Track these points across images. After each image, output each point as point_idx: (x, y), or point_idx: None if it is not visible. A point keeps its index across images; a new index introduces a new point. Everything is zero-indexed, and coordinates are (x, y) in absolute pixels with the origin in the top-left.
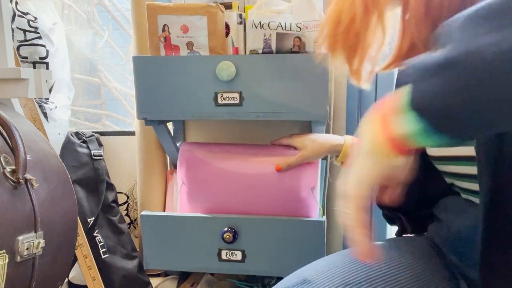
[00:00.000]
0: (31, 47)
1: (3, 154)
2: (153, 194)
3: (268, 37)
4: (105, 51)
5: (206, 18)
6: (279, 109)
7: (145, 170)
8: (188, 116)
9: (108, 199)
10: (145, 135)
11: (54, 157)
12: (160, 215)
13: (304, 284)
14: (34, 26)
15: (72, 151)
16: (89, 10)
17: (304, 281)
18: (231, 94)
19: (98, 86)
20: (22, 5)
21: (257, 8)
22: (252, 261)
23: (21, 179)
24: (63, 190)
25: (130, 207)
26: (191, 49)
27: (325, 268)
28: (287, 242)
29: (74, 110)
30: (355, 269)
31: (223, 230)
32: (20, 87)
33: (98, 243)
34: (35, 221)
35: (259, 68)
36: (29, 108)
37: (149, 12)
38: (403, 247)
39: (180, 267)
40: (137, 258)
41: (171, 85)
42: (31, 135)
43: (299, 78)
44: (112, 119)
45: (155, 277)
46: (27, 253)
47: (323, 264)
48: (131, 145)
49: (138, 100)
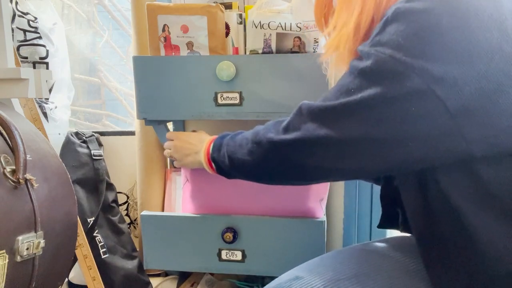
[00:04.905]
0: (31, 47)
1: (3, 154)
2: (153, 194)
3: (268, 37)
4: (105, 51)
5: (206, 18)
6: (279, 109)
7: (145, 170)
8: (188, 116)
9: (108, 199)
10: (145, 135)
11: (54, 157)
12: (160, 215)
13: (296, 280)
14: (34, 26)
15: (72, 151)
16: (89, 10)
17: (296, 277)
18: (231, 94)
19: (98, 86)
20: (22, 5)
21: (257, 8)
22: (252, 261)
23: (21, 179)
24: (63, 190)
25: (130, 207)
26: (191, 49)
27: (317, 265)
28: (287, 242)
29: (74, 110)
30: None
31: (223, 230)
32: (20, 87)
33: (98, 243)
34: (35, 221)
35: (259, 68)
36: (29, 108)
37: (149, 12)
38: (396, 245)
39: (180, 267)
40: (137, 258)
41: (171, 85)
42: (31, 135)
43: (299, 78)
44: (112, 119)
45: (155, 277)
46: (27, 253)
47: (315, 262)
48: (131, 145)
49: (138, 100)
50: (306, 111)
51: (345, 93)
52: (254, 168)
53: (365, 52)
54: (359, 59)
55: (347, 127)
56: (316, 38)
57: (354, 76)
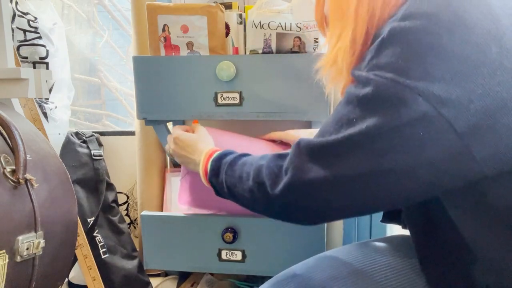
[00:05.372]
0: (31, 47)
1: (3, 154)
2: (153, 194)
3: (268, 37)
4: (105, 51)
5: (206, 18)
6: (279, 109)
7: (145, 170)
8: (188, 116)
9: (108, 199)
10: (145, 135)
11: (54, 157)
12: (160, 215)
13: (293, 277)
14: (34, 26)
15: (72, 151)
16: (89, 10)
17: (294, 275)
18: (231, 94)
19: (98, 86)
20: (22, 5)
21: (257, 8)
22: (252, 261)
23: (21, 179)
24: (63, 190)
25: (130, 207)
26: (191, 49)
27: (315, 264)
28: (287, 242)
29: (74, 110)
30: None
31: (223, 230)
32: (20, 87)
33: (98, 243)
34: (35, 221)
35: (259, 68)
36: (29, 108)
37: (149, 12)
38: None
39: (180, 267)
40: (137, 258)
41: (171, 85)
42: (31, 135)
43: (299, 78)
44: (112, 119)
45: (155, 277)
46: (27, 253)
47: (313, 260)
48: (131, 145)
49: (138, 100)
50: (306, 150)
51: (346, 124)
52: (255, 206)
53: (363, 77)
54: (356, 86)
55: (352, 163)
56: (316, 38)
57: (354, 105)
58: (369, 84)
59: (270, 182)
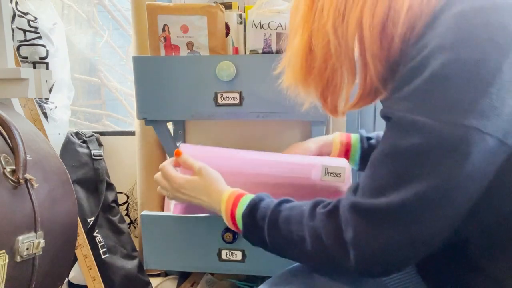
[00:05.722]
0: (31, 47)
1: (3, 154)
2: (153, 194)
3: (268, 37)
4: (105, 51)
5: (206, 18)
6: (279, 109)
7: (145, 170)
8: (188, 116)
9: (108, 199)
10: (145, 135)
11: (54, 157)
12: (160, 215)
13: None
14: (34, 26)
15: (72, 151)
16: (89, 10)
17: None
18: (231, 94)
19: (98, 86)
20: (22, 5)
21: (257, 8)
22: (252, 261)
23: (21, 179)
24: (63, 190)
25: (130, 207)
26: (191, 49)
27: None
28: None
29: (74, 110)
30: None
31: (223, 230)
32: (20, 87)
33: (98, 243)
34: (35, 221)
35: (259, 68)
36: (29, 108)
37: (149, 12)
38: None
39: (180, 267)
40: (137, 258)
41: (171, 85)
42: (31, 135)
43: None
44: (112, 119)
45: (155, 277)
46: (27, 253)
47: None
48: (131, 145)
49: (138, 100)
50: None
51: (409, 181)
52: (328, 270)
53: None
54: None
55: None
56: None
57: (404, 158)
58: (416, 130)
59: (340, 255)
